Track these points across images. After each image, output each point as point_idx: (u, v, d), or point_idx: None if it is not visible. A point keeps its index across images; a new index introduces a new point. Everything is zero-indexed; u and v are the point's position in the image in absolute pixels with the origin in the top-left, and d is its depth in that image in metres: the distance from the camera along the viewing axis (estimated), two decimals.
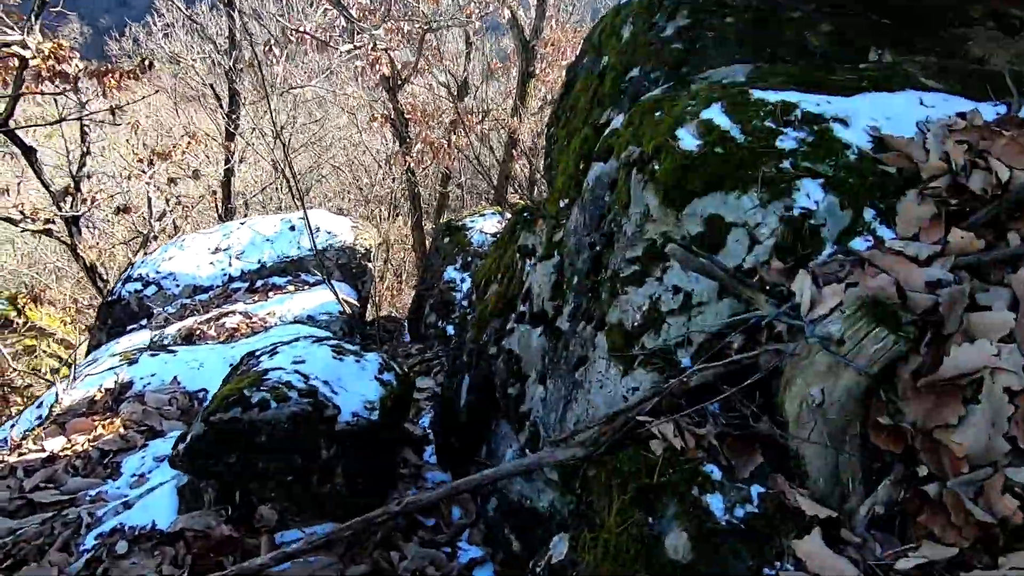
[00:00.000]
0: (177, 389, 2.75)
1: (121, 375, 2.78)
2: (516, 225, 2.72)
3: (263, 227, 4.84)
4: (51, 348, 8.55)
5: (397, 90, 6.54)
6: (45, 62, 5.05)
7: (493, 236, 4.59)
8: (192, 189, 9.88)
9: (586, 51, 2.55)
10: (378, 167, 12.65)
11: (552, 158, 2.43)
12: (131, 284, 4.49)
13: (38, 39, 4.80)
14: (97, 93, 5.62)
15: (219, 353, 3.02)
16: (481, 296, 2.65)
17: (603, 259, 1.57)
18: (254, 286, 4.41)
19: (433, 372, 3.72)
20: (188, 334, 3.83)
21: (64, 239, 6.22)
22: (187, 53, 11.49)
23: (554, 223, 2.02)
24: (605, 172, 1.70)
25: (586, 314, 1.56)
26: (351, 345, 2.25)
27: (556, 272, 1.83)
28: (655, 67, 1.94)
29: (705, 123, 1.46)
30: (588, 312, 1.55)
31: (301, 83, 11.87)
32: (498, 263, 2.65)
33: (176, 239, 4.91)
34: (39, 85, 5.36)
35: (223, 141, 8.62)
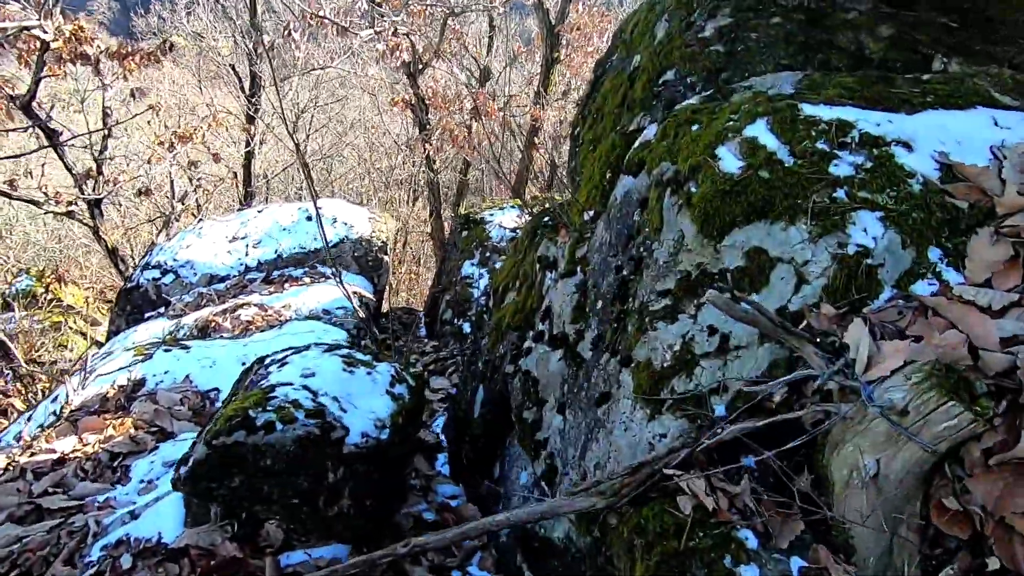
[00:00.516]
0: (189, 388, 2.72)
1: (134, 372, 2.76)
2: (536, 229, 2.61)
3: (281, 216, 4.79)
4: (77, 325, 8.73)
5: (418, 75, 6.39)
6: (66, 44, 5.02)
7: (512, 231, 4.48)
8: (214, 170, 9.91)
9: (616, 47, 2.40)
10: (398, 150, 12.55)
11: (576, 162, 2.30)
12: (149, 271, 4.48)
13: (59, 21, 4.76)
14: (117, 75, 5.59)
15: (232, 351, 2.98)
16: (498, 303, 2.55)
17: (630, 286, 1.45)
18: (270, 277, 4.37)
19: (448, 372, 3.65)
20: (204, 326, 3.80)
21: (87, 221, 6.26)
22: (210, 32, 11.46)
23: (578, 236, 1.90)
24: (635, 188, 1.57)
25: (611, 346, 1.45)
26: (363, 355, 2.17)
27: (578, 292, 1.72)
28: (692, 71, 1.79)
29: (749, 142, 1.33)
30: (613, 344, 1.44)
31: (322, 64, 11.78)
32: (516, 269, 2.55)
33: (193, 226, 4.89)
34: (62, 67, 5.34)
35: (244, 124, 8.58)
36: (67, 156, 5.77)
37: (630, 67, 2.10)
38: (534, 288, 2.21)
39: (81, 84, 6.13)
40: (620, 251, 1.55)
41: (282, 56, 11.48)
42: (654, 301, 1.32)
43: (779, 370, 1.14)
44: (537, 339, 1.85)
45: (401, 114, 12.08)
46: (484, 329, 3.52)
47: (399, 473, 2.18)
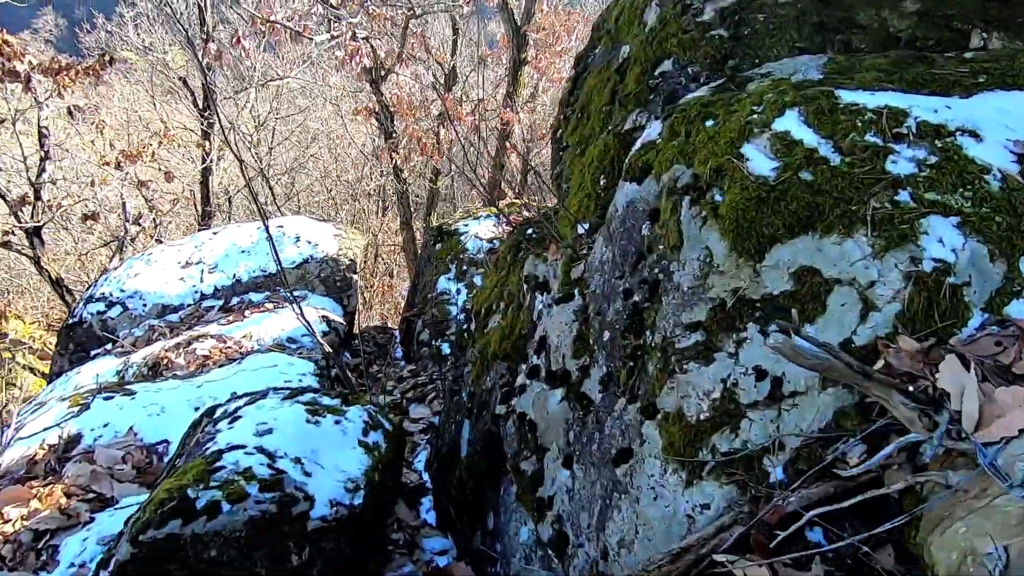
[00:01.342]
0: (133, 442, 2.38)
1: (67, 428, 2.41)
2: (519, 244, 2.36)
3: (239, 237, 4.44)
4: (26, 360, 8.12)
5: (381, 82, 6.10)
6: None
7: (490, 243, 4.22)
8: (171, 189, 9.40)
9: (598, 39, 2.17)
10: (365, 160, 12.19)
11: (563, 168, 2.06)
12: (93, 304, 4.08)
13: None
14: (51, 93, 5.15)
15: (183, 394, 2.65)
16: (481, 328, 2.29)
17: (645, 316, 1.21)
18: (229, 304, 4.02)
19: (428, 399, 3.37)
20: (154, 364, 3.44)
21: (26, 252, 5.77)
22: (160, 45, 10.94)
23: (571, 253, 1.66)
24: (640, 197, 1.33)
25: (627, 389, 1.20)
26: (329, 399, 1.88)
27: (578, 320, 1.47)
28: (693, 59, 1.56)
29: (781, 137, 1.10)
30: (629, 387, 1.19)
31: (281, 75, 11.35)
32: (500, 289, 2.29)
33: (142, 253, 4.50)
34: None
35: (199, 140, 8.14)
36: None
37: (618, 59, 1.88)
38: (522, 311, 1.95)
39: (13, 103, 5.66)
40: (628, 272, 1.31)
41: (238, 68, 11.03)
42: (680, 336, 1.08)
43: (848, 420, 0.91)
44: (532, 375, 1.59)
45: (366, 123, 11.73)
46: (466, 352, 3.24)
47: (377, 531, 1.90)
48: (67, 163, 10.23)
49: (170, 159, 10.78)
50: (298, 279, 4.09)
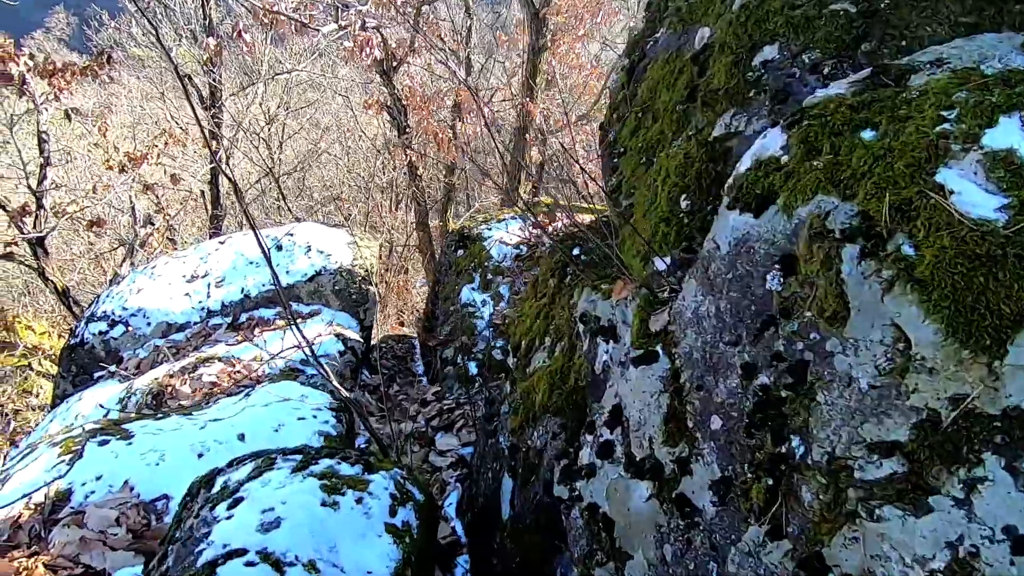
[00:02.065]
0: (129, 499, 2.10)
1: (55, 483, 2.14)
2: (563, 265, 2.02)
3: (246, 247, 4.15)
4: (43, 367, 8.00)
5: (392, 73, 5.74)
6: None
7: (516, 248, 3.88)
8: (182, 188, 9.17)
9: (659, 21, 1.80)
10: (377, 154, 11.86)
11: (621, 180, 1.71)
12: (95, 324, 3.82)
13: None
14: (48, 96, 4.88)
15: (186, 437, 2.36)
16: (523, 367, 1.96)
17: (788, 412, 0.86)
18: (237, 321, 3.74)
19: (456, 427, 3.06)
20: (158, 392, 3.17)
21: (29, 263, 5.56)
22: (165, 41, 10.66)
23: (648, 295, 1.31)
24: (758, 235, 0.98)
25: (762, 513, 0.86)
26: (349, 466, 1.57)
27: (667, 390, 1.13)
28: (810, 44, 1.20)
29: (1003, 159, 0.74)
30: (770, 513, 0.85)
31: (288, 68, 11.03)
32: (544, 321, 1.96)
33: (145, 265, 4.24)
34: None
35: (206, 140, 7.86)
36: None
37: (693, 45, 1.51)
38: (577, 355, 1.62)
39: (11, 108, 5.42)
40: (747, 339, 0.96)
41: (245, 62, 10.73)
42: (863, 460, 0.74)
43: None
44: (604, 454, 1.26)
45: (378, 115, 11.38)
46: (501, 387, 2.94)
47: None
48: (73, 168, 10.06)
49: (179, 158, 10.56)
50: (311, 293, 3.79)
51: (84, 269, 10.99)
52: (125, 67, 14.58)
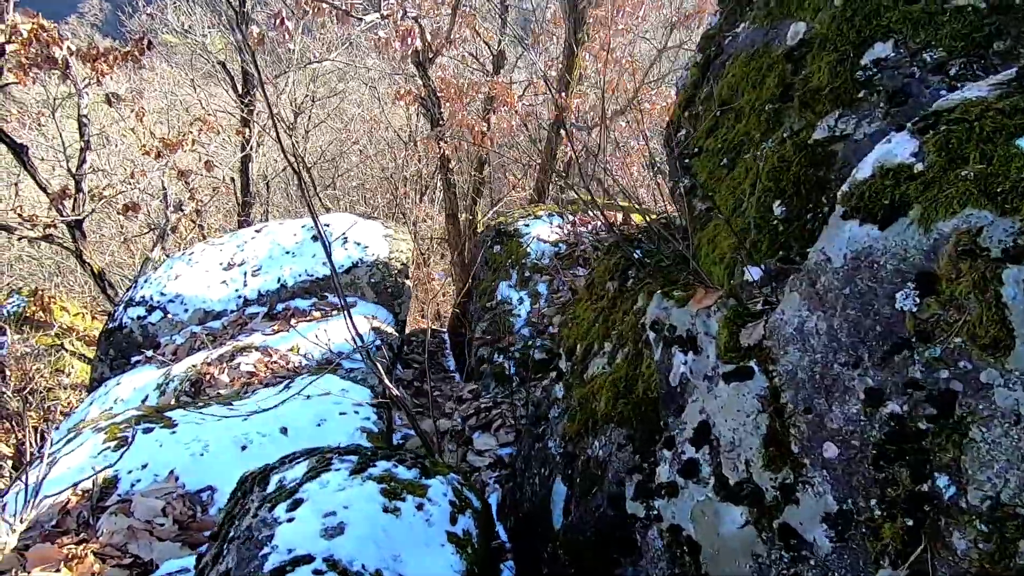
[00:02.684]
0: (174, 490, 2.09)
1: (102, 471, 2.13)
2: (624, 268, 1.95)
3: (282, 236, 4.14)
4: (75, 346, 8.16)
5: (428, 64, 5.69)
6: (25, 47, 4.35)
7: (554, 246, 3.81)
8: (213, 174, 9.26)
9: (738, 14, 1.71)
10: (403, 145, 11.84)
11: (696, 182, 1.63)
12: (133, 309, 3.85)
13: (13, 19, 4.09)
14: (90, 80, 4.92)
15: (228, 429, 2.35)
16: (579, 372, 1.90)
17: (930, 446, 0.79)
18: (273, 311, 3.73)
19: (494, 426, 3.01)
20: (196, 380, 3.18)
21: (67, 245, 5.63)
22: (200, 27, 10.74)
23: (736, 307, 1.24)
24: (885, 248, 0.90)
25: (894, 555, 0.79)
26: (406, 469, 1.52)
27: (766, 410, 1.06)
28: (932, 41, 1.11)
29: None
30: (900, 552, 0.78)
31: (319, 57, 11.05)
32: (604, 326, 1.89)
33: (183, 252, 4.25)
34: (27, 73, 4.68)
35: (238, 127, 7.91)
36: (39, 173, 5.13)
37: (785, 41, 1.42)
38: (644, 364, 1.55)
39: (51, 91, 5.48)
40: (870, 361, 0.89)
41: (276, 51, 10.76)
42: None
43: None
44: (687, 473, 1.19)
45: (402, 106, 11.35)
46: (539, 378, 2.88)
47: None
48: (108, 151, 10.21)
49: (209, 144, 10.66)
50: (346, 285, 3.77)
51: (114, 251, 11.18)
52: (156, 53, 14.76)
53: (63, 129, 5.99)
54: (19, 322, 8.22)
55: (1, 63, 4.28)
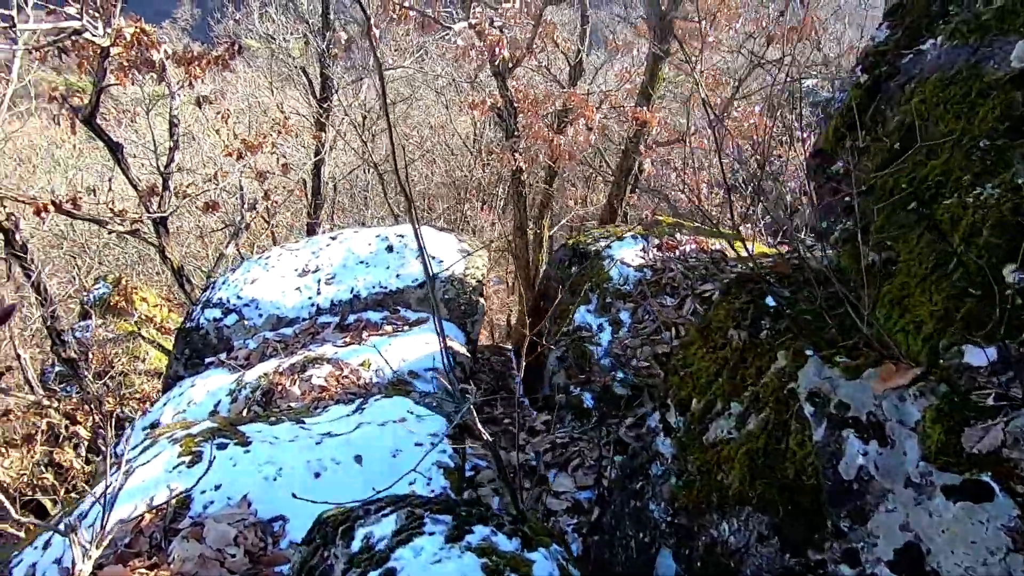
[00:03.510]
0: (246, 516, 2.00)
1: (176, 486, 2.06)
2: (757, 315, 1.70)
3: (357, 245, 4.08)
4: (151, 334, 8.53)
5: (507, 74, 5.57)
6: (128, 49, 4.51)
7: (638, 271, 3.57)
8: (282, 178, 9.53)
9: (922, 29, 1.44)
10: (469, 153, 11.85)
11: (868, 225, 1.37)
12: (210, 310, 3.88)
13: (119, 24, 4.24)
14: (183, 83, 5.08)
15: (302, 451, 2.24)
16: (698, 432, 1.66)
17: None
18: (345, 322, 3.66)
19: (571, 466, 2.79)
20: (268, 390, 3.13)
21: (151, 240, 5.84)
22: (281, 33, 11.14)
23: (952, 398, 0.98)
24: None
25: None
26: (506, 539, 1.34)
27: (1019, 547, 0.80)
28: None
29: None
30: None
31: (394, 64, 11.22)
32: (731, 382, 1.65)
33: (260, 255, 4.27)
34: (127, 75, 4.87)
35: (314, 131, 8.08)
36: (131, 170, 5.33)
37: (1009, 62, 1.15)
38: (794, 439, 1.30)
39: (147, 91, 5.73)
40: None
41: (351, 58, 11.00)
42: None
43: None
44: None
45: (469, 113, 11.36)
46: (621, 414, 2.66)
47: None
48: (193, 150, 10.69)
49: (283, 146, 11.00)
50: (420, 300, 3.66)
51: (191, 243, 11.70)
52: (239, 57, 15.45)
53: (154, 128, 6.24)
54: (102, 309, 8.68)
55: (105, 65, 4.45)
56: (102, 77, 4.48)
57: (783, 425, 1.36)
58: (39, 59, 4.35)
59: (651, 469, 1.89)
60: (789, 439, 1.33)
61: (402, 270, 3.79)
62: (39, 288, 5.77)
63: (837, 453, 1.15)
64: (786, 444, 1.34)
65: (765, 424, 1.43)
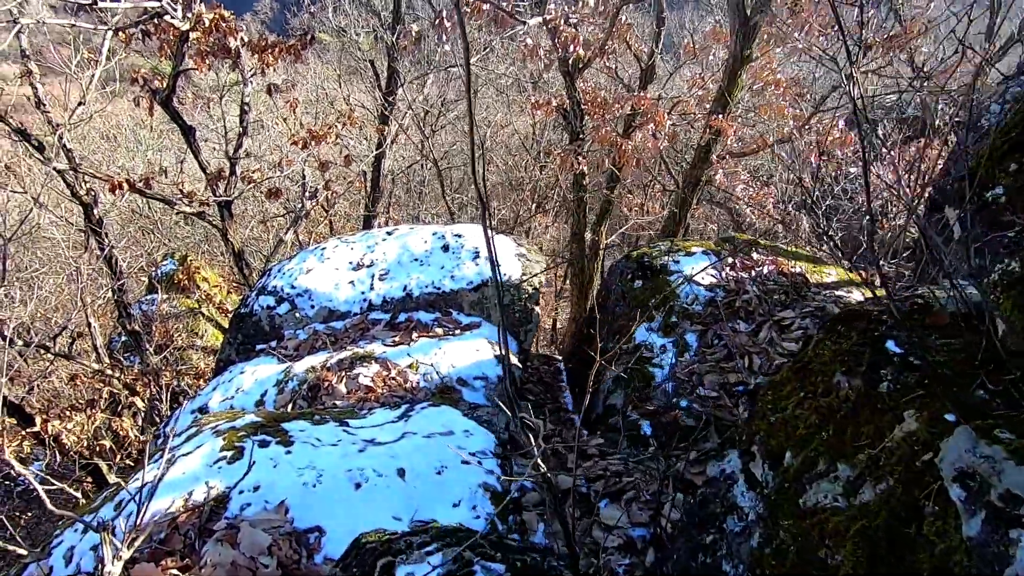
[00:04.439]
0: (282, 524, 1.89)
1: (215, 484, 1.99)
2: (871, 364, 1.45)
3: (413, 242, 3.99)
4: (210, 312, 8.81)
5: (577, 75, 5.37)
6: (207, 35, 4.59)
7: (710, 291, 3.30)
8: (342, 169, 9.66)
9: None
10: (527, 154, 11.71)
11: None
12: (264, 298, 3.87)
13: (199, 9, 4.31)
14: (255, 70, 5.14)
15: (343, 457, 2.13)
16: (793, 492, 1.42)
17: None
18: (396, 320, 3.57)
19: (625, 498, 2.58)
20: (314, 385, 3.06)
21: (216, 223, 5.97)
22: (352, 27, 11.33)
23: None
24: None
25: None
26: None
27: None
28: None
29: None
30: None
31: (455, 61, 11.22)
32: (837, 436, 1.41)
33: (315, 246, 4.25)
34: (204, 60, 4.97)
35: (377, 124, 8.12)
36: (201, 154, 5.45)
37: None
38: (928, 523, 1.06)
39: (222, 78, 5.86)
40: None
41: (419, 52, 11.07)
42: None
43: None
44: None
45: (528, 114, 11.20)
46: (682, 448, 2.43)
47: None
48: (261, 138, 11.00)
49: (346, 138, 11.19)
50: (473, 304, 3.52)
51: (253, 227, 12.08)
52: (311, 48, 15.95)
53: (226, 114, 6.38)
54: (167, 285, 9.03)
55: (184, 49, 4.54)
56: (180, 61, 4.57)
57: (913, 506, 1.12)
58: (124, 40, 4.48)
59: (726, 523, 1.66)
60: (922, 524, 1.09)
61: (457, 271, 3.66)
62: (111, 262, 6.00)
63: (1002, 558, 0.91)
64: (917, 527, 1.10)
65: (887, 499, 1.19)
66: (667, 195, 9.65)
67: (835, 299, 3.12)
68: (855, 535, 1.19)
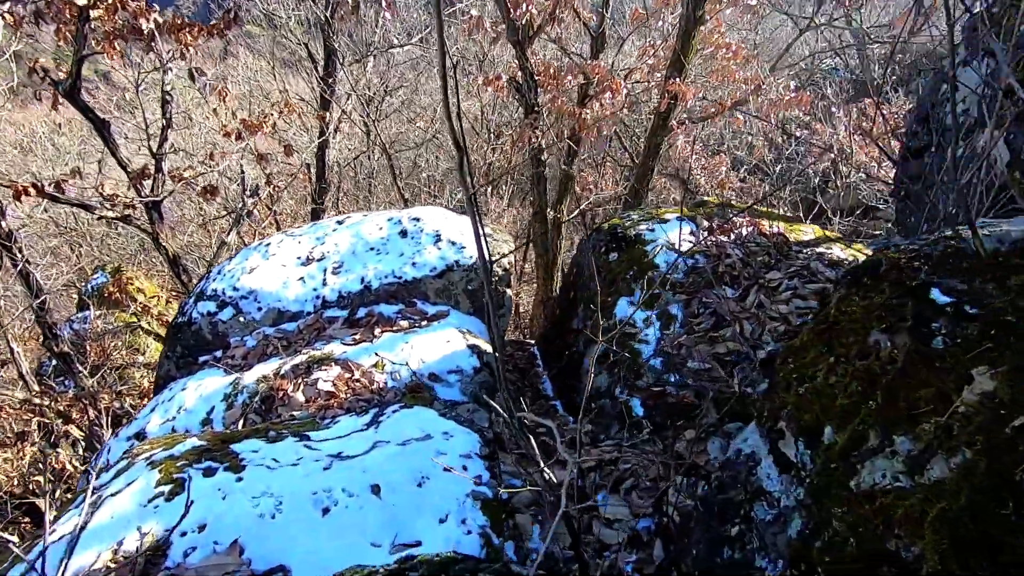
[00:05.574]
0: (237, 568, 1.59)
1: (151, 526, 1.66)
2: (917, 318, 1.25)
3: (367, 229, 3.65)
4: (151, 325, 8.15)
5: (528, 44, 5.08)
6: (111, 13, 4.06)
7: (691, 258, 3.12)
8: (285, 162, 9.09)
9: None
10: (476, 135, 11.35)
11: None
12: (204, 304, 3.46)
13: None
14: (174, 54, 4.63)
15: (305, 479, 1.83)
16: (838, 472, 1.22)
17: None
18: (355, 316, 3.24)
19: (624, 487, 2.37)
20: (268, 396, 2.72)
21: (144, 227, 5.43)
22: (284, 11, 10.63)
23: None
24: None
25: None
26: None
27: None
28: None
29: None
30: None
31: (400, 42, 10.73)
32: (887, 405, 1.21)
33: (259, 242, 3.85)
34: (111, 44, 4.42)
35: (318, 111, 7.62)
36: (120, 151, 4.90)
37: None
38: None
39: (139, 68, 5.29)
40: None
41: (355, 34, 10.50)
42: None
43: None
44: None
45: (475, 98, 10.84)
46: (678, 425, 2.25)
47: None
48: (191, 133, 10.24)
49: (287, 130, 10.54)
50: (438, 291, 3.22)
51: (193, 232, 11.31)
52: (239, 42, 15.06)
53: (146, 107, 5.80)
54: (99, 299, 8.29)
55: (85, 31, 4.00)
56: (83, 44, 4.03)
57: (1008, 481, 0.93)
58: (12, 24, 3.90)
59: (754, 511, 1.46)
60: (1023, 503, 0.90)
61: (418, 257, 3.35)
62: (27, 278, 5.37)
63: None
64: (1015, 509, 0.90)
65: (965, 474, 0.99)
66: (620, 171, 9.52)
67: (818, 256, 2.99)
68: (935, 521, 0.99)
